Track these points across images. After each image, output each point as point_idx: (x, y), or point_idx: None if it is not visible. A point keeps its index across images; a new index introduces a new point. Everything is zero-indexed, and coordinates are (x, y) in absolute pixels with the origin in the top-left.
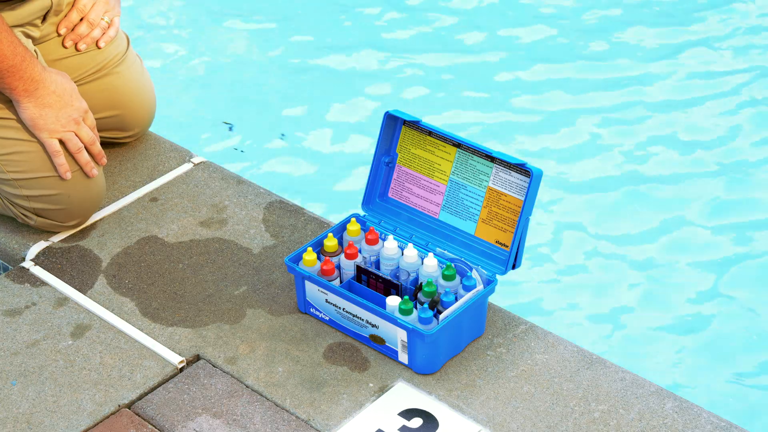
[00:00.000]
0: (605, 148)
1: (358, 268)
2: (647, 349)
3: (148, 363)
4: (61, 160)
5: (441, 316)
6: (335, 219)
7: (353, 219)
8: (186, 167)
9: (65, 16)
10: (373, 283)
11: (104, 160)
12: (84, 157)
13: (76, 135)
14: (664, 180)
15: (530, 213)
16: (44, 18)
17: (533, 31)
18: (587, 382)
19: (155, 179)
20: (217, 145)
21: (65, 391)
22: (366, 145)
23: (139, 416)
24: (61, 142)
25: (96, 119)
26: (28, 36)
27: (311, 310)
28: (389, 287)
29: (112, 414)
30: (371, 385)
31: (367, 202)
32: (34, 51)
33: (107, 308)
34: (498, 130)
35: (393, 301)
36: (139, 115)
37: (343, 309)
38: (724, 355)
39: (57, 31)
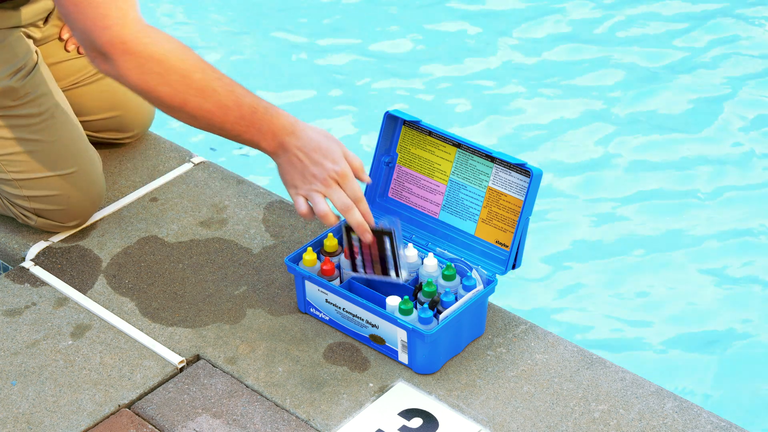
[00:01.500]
0: (607, 148)
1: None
2: (647, 348)
3: (148, 363)
4: (310, 218)
5: (441, 316)
6: None
7: None
8: (186, 167)
9: None
10: (366, 250)
11: (367, 237)
12: (329, 221)
13: (328, 197)
14: (665, 182)
15: (530, 213)
16: (46, 20)
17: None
18: (587, 382)
19: (155, 179)
20: (216, 146)
21: (65, 391)
22: (366, 145)
23: (139, 416)
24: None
25: (96, 120)
26: (29, 37)
27: (311, 310)
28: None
29: (112, 414)
30: (371, 385)
31: (367, 202)
32: (35, 52)
33: (107, 308)
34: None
35: (393, 301)
36: (138, 116)
37: (343, 309)
38: (725, 354)
39: (60, 37)
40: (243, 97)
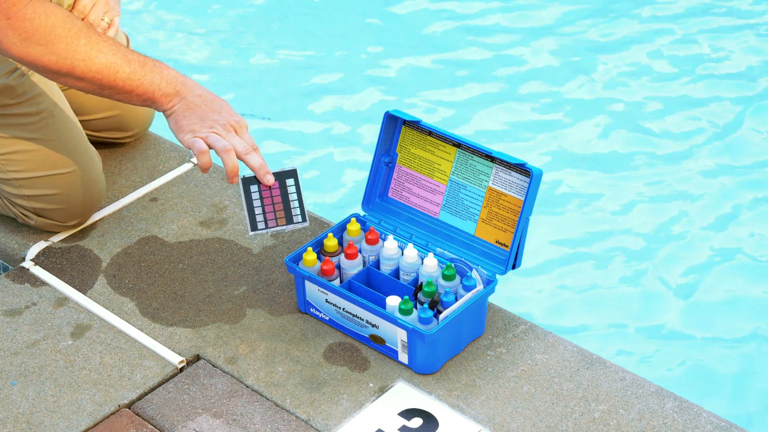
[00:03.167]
0: (606, 149)
1: None
2: (647, 348)
3: (148, 363)
4: (207, 158)
5: (441, 316)
6: (335, 219)
7: (353, 219)
8: (186, 167)
9: None
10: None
11: (269, 178)
12: (232, 158)
13: (227, 141)
14: (664, 181)
15: (530, 213)
16: None
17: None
18: (587, 382)
19: (155, 179)
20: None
21: (65, 391)
22: (366, 144)
23: (139, 416)
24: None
25: (95, 119)
26: None
27: (311, 310)
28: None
29: (112, 414)
30: (371, 385)
31: (367, 202)
32: None
33: (107, 308)
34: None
35: (393, 301)
36: (138, 115)
37: (343, 309)
38: (724, 353)
39: None
40: (131, 54)
